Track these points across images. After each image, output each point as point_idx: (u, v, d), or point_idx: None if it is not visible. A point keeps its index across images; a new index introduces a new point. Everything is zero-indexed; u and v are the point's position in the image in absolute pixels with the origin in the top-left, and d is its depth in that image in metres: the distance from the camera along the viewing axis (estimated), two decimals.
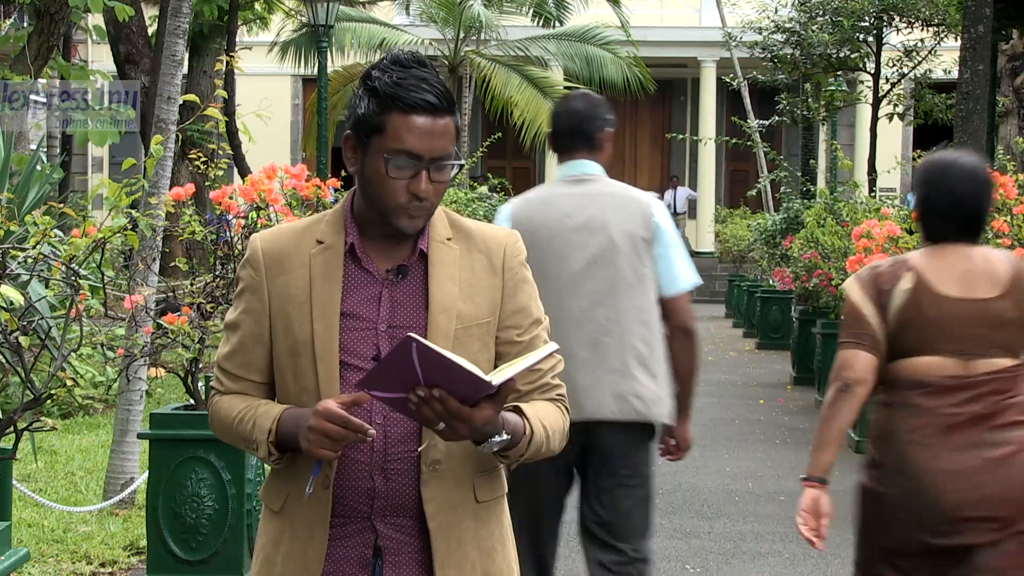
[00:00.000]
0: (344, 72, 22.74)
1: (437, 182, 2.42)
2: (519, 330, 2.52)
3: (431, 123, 2.38)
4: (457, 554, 2.43)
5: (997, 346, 3.48)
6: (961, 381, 3.45)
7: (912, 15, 16.36)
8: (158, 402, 10.45)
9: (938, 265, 3.52)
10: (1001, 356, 3.48)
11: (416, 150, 2.38)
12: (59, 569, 5.94)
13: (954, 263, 3.53)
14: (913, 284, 3.48)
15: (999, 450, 3.39)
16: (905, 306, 3.48)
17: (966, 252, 3.55)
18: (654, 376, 4.10)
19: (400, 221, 2.42)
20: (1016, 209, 7.15)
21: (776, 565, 6.37)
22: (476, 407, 2.27)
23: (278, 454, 2.42)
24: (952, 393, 3.45)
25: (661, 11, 28.56)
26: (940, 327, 3.47)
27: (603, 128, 4.21)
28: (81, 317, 4.28)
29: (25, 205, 9.05)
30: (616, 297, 4.03)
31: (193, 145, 17.29)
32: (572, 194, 4.14)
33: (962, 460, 3.39)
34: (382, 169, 2.39)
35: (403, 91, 2.37)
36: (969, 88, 9.72)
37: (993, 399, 3.45)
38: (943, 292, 3.48)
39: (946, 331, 3.47)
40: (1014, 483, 3.36)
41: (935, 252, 3.56)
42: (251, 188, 5.50)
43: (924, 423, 3.45)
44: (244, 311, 2.52)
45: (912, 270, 3.51)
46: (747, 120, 19.81)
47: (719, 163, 28.72)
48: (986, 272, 3.51)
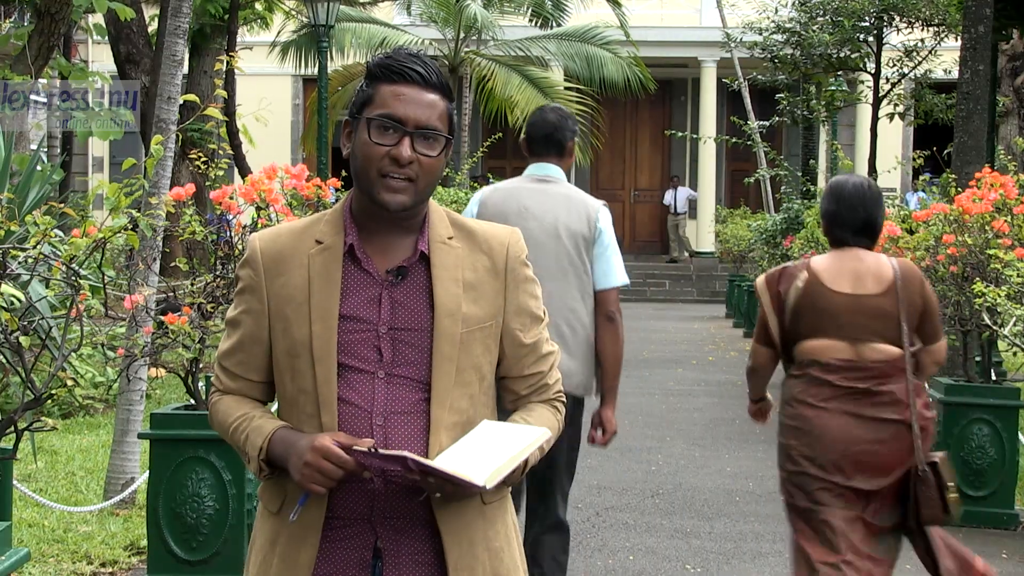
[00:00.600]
0: (344, 72, 22.74)
1: (422, 154, 2.41)
2: (523, 331, 2.53)
3: (417, 93, 2.41)
4: (468, 556, 2.44)
5: (878, 335, 4.29)
6: (850, 363, 4.30)
7: (912, 15, 16.36)
8: (158, 402, 10.46)
9: (834, 266, 4.36)
10: (885, 344, 4.29)
11: (399, 114, 2.39)
12: (59, 569, 5.94)
13: (848, 264, 4.35)
14: (805, 283, 4.34)
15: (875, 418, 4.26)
16: (799, 300, 4.35)
17: (860, 255, 4.37)
18: (572, 355, 4.69)
19: (382, 195, 2.40)
20: (1016, 209, 7.15)
21: (776, 565, 6.37)
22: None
23: (268, 471, 2.43)
24: (842, 371, 4.30)
25: (661, 11, 28.55)
26: (831, 316, 4.31)
27: (571, 138, 4.87)
28: (81, 317, 4.28)
29: (25, 205, 9.06)
30: (551, 282, 4.39)
31: (193, 145, 17.29)
32: (534, 190, 4.77)
33: (845, 421, 4.27)
34: (367, 135, 2.41)
35: (392, 62, 2.43)
36: (969, 88, 9.72)
37: (875, 380, 4.28)
38: (834, 288, 4.32)
39: (836, 319, 4.30)
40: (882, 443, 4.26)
41: (835, 255, 4.41)
42: (251, 188, 5.50)
43: (818, 391, 4.32)
44: (244, 311, 2.51)
45: (808, 270, 4.38)
46: (747, 120, 19.80)
47: (719, 163, 28.70)
48: (874, 273, 4.33)
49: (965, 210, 7.25)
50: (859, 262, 4.35)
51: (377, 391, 2.41)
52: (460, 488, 2.31)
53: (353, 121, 2.46)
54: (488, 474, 2.29)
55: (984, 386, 7.42)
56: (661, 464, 8.95)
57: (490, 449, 2.35)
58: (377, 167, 2.40)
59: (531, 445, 2.36)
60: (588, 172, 28.72)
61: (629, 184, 30.25)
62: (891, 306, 4.30)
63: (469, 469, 2.29)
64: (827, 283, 4.34)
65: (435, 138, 2.42)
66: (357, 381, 2.41)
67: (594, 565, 6.32)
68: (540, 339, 2.56)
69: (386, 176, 2.39)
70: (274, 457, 2.40)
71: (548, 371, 2.58)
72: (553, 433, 2.52)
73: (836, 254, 4.41)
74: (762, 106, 22.68)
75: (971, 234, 7.29)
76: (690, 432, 10.23)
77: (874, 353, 4.29)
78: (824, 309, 4.32)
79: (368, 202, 2.44)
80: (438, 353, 2.42)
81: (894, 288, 4.30)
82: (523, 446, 2.35)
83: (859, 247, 4.38)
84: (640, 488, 8.10)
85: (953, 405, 7.35)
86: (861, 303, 4.31)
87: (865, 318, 4.30)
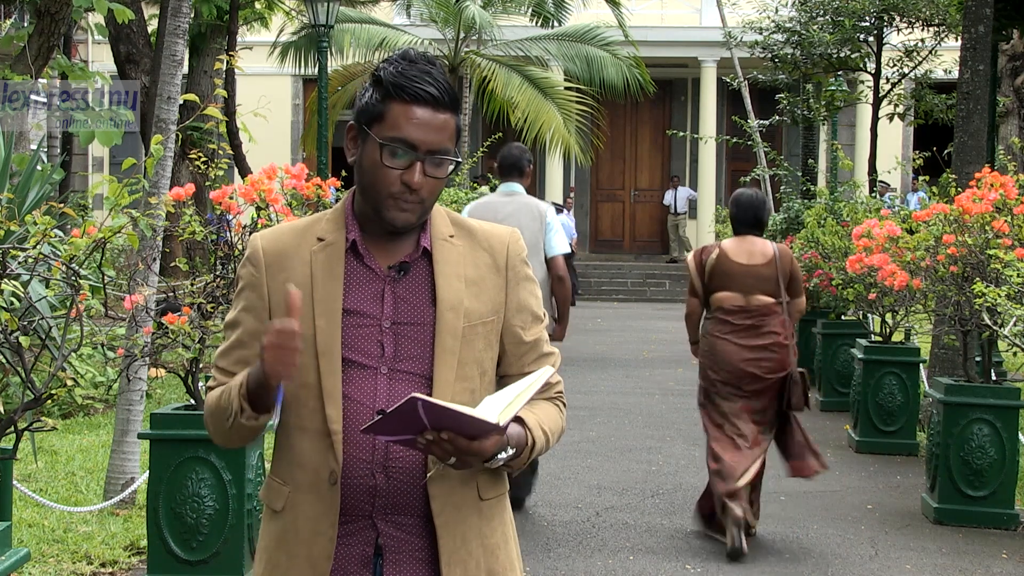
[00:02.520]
0: (344, 72, 22.73)
1: (432, 177, 2.41)
2: (525, 329, 2.54)
3: (430, 115, 2.40)
4: (462, 551, 2.44)
5: (761, 290, 6.64)
6: (742, 308, 6.65)
7: (912, 15, 16.35)
8: (158, 402, 10.45)
9: (735, 246, 6.73)
10: (765, 296, 6.64)
11: (413, 140, 2.39)
12: (59, 569, 5.94)
13: (743, 245, 6.73)
14: (717, 256, 6.70)
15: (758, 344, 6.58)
16: (712, 266, 6.69)
17: (752, 240, 6.76)
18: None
19: (390, 212, 2.41)
20: (1016, 209, 7.14)
21: (776, 565, 6.37)
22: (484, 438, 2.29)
23: (251, 410, 2.37)
24: (738, 313, 6.65)
25: (661, 11, 28.54)
26: (732, 277, 6.66)
27: (528, 165, 7.44)
28: (81, 317, 4.28)
29: (25, 205, 9.06)
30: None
31: (193, 145, 17.30)
32: (503, 202, 7.34)
33: (737, 348, 6.60)
34: (377, 157, 2.40)
35: (405, 81, 2.39)
36: (969, 88, 9.72)
37: (759, 318, 6.63)
38: (735, 260, 6.68)
39: (735, 280, 6.66)
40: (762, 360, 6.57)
41: (736, 240, 6.79)
42: (251, 188, 5.49)
43: (721, 327, 6.69)
44: (244, 309, 2.52)
45: (719, 248, 6.74)
46: (748, 120, 19.79)
47: (719, 163, 28.69)
48: (761, 251, 6.70)
49: (965, 210, 7.25)
50: (751, 244, 6.75)
51: (379, 386, 2.42)
52: (473, 444, 2.27)
53: (360, 130, 2.45)
54: (499, 412, 2.29)
55: (984, 386, 7.41)
56: (661, 464, 8.94)
57: (497, 398, 2.35)
58: (387, 189, 2.40)
59: (536, 383, 2.36)
60: (588, 172, 28.74)
61: (629, 184, 30.24)
62: (771, 273, 6.66)
63: (481, 412, 2.28)
64: (731, 256, 6.71)
65: (446, 161, 2.43)
66: (359, 376, 2.42)
67: (594, 565, 6.32)
68: (540, 338, 2.57)
69: (396, 198, 2.40)
70: (253, 385, 2.35)
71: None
72: (557, 430, 2.53)
73: (736, 239, 6.81)
74: (762, 106, 22.67)
75: (971, 234, 7.29)
76: (690, 432, 10.23)
77: (758, 301, 6.65)
78: (727, 272, 6.68)
79: (373, 214, 2.45)
80: (440, 346, 2.43)
81: (774, 261, 6.68)
82: (528, 384, 2.36)
83: (751, 235, 6.79)
84: (640, 488, 8.10)
85: (953, 405, 7.34)
86: (751, 270, 6.67)
87: (753, 279, 6.66)
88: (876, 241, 8.38)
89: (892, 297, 8.97)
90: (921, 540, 6.92)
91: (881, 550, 6.70)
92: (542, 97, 21.52)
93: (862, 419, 9.53)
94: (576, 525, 7.10)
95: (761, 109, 22.34)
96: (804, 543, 6.83)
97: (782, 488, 8.10)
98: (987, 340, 7.66)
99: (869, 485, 8.33)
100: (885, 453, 9.35)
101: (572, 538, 6.84)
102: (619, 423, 10.69)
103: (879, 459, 9.19)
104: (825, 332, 11.65)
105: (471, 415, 2.25)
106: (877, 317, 10.00)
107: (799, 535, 6.99)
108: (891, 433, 9.43)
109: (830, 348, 11.53)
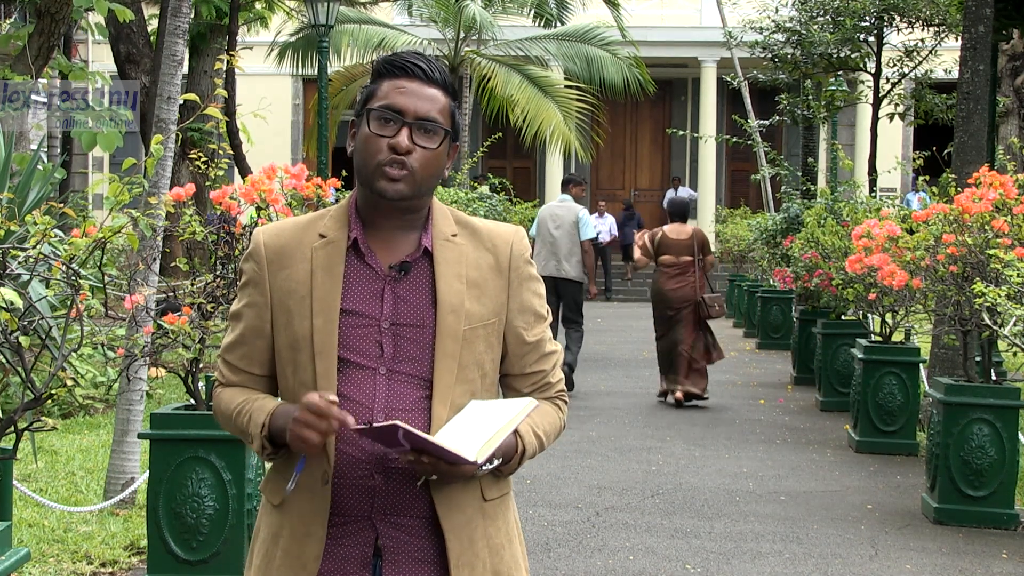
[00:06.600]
0: (345, 73, 22.73)
1: (421, 146, 2.43)
2: (527, 329, 2.54)
3: (418, 87, 2.44)
4: (468, 553, 2.44)
5: (686, 254, 11.71)
6: (674, 263, 11.74)
7: (913, 15, 16.34)
8: (158, 402, 10.46)
9: (671, 228, 11.87)
10: (688, 256, 11.70)
11: (399, 105, 2.42)
12: (59, 569, 5.94)
13: (676, 228, 11.88)
14: (661, 235, 11.84)
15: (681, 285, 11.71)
16: (658, 241, 11.84)
17: (680, 225, 11.95)
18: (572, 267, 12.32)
19: (380, 182, 2.42)
20: (1016, 209, 7.14)
21: (776, 565, 6.37)
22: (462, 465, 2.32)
23: (271, 448, 2.44)
24: (672, 266, 11.74)
25: (661, 11, 28.56)
26: (669, 247, 11.76)
27: (573, 185, 12.81)
28: (82, 317, 4.28)
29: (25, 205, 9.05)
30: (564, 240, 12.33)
31: (193, 145, 17.29)
32: (557, 206, 12.65)
33: (673, 285, 11.70)
34: (367, 127, 2.44)
35: (396, 58, 2.48)
36: (969, 88, 9.71)
37: (683, 267, 11.70)
38: (671, 236, 11.78)
39: (671, 248, 11.75)
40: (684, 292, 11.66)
41: (672, 225, 11.94)
42: (251, 188, 5.49)
43: (663, 275, 11.79)
44: (246, 304, 2.53)
45: (662, 231, 11.88)
46: (748, 120, 19.79)
47: (720, 163, 28.70)
48: (686, 231, 11.83)
49: (965, 210, 7.25)
50: (681, 227, 11.85)
51: (378, 388, 2.42)
52: (453, 467, 2.31)
53: (356, 119, 2.50)
54: (478, 449, 2.30)
55: (984, 386, 7.41)
56: (661, 464, 8.94)
57: (479, 426, 2.36)
58: (376, 157, 2.42)
59: (518, 416, 2.38)
60: (588, 172, 28.74)
61: (629, 184, 30.25)
62: (690, 243, 11.66)
63: (460, 445, 2.30)
64: (669, 235, 11.76)
65: (435, 131, 2.44)
66: (358, 377, 2.42)
67: (594, 565, 6.32)
68: (543, 337, 2.57)
69: (384, 165, 2.41)
70: (275, 431, 2.40)
71: (550, 370, 2.59)
72: (554, 431, 2.54)
73: (673, 225, 11.88)
74: (762, 105, 22.67)
75: (971, 234, 7.29)
76: (690, 432, 10.23)
77: (683, 260, 11.65)
78: (666, 243, 11.73)
79: (369, 193, 2.46)
80: (440, 349, 2.43)
81: (692, 237, 11.71)
82: (511, 418, 2.37)
83: (679, 222, 11.91)
84: (640, 488, 8.10)
85: (953, 405, 7.34)
86: (679, 242, 11.69)
87: (680, 248, 11.67)
88: (876, 241, 8.38)
89: (892, 297, 8.97)
90: (921, 540, 6.92)
91: (881, 550, 6.70)
92: (542, 95, 21.52)
93: (862, 419, 9.53)
94: (576, 525, 7.10)
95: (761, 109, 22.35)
96: (804, 543, 6.83)
97: (782, 488, 8.10)
98: (987, 340, 7.66)
99: (869, 485, 8.33)
100: (885, 453, 9.35)
101: (572, 538, 6.84)
102: (619, 423, 10.69)
103: (879, 459, 9.19)
104: (825, 332, 11.65)
105: (448, 449, 2.27)
106: (877, 317, 10.00)
107: (799, 535, 6.99)
108: (891, 433, 9.43)
109: (830, 348, 11.54)
